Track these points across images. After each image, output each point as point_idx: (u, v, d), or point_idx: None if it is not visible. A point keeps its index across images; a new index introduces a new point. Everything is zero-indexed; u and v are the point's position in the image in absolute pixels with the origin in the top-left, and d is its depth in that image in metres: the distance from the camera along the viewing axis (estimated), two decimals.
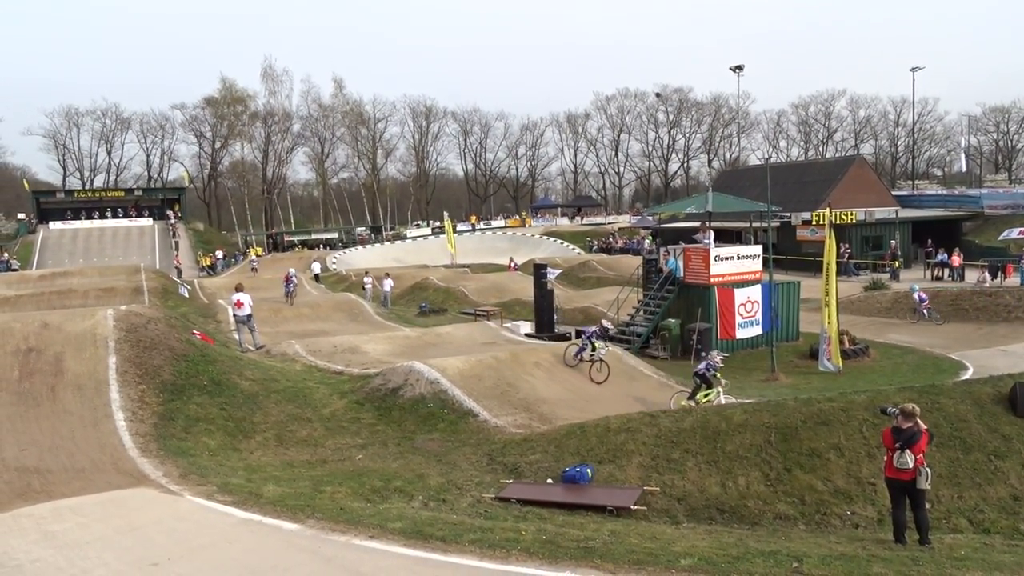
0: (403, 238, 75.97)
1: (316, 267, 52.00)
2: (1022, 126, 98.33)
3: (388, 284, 37.31)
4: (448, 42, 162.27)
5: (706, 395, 15.91)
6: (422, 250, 66.90)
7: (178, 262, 55.96)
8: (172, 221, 71.27)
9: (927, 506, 9.29)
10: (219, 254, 62.03)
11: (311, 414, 15.24)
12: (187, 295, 37.14)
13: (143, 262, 49.83)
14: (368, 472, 12.22)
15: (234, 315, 22.11)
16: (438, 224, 77.69)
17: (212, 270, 58.07)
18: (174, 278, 45.23)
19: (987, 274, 34.65)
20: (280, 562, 8.15)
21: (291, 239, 76.29)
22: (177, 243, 63.43)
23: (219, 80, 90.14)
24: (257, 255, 67.72)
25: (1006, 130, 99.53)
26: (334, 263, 59.56)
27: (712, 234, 26.18)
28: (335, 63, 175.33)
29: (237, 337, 22.12)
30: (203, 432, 13.63)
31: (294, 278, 33.58)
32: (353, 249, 69.69)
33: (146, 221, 71.12)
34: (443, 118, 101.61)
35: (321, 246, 72.83)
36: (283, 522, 9.30)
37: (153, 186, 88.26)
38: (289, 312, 30.37)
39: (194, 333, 18.98)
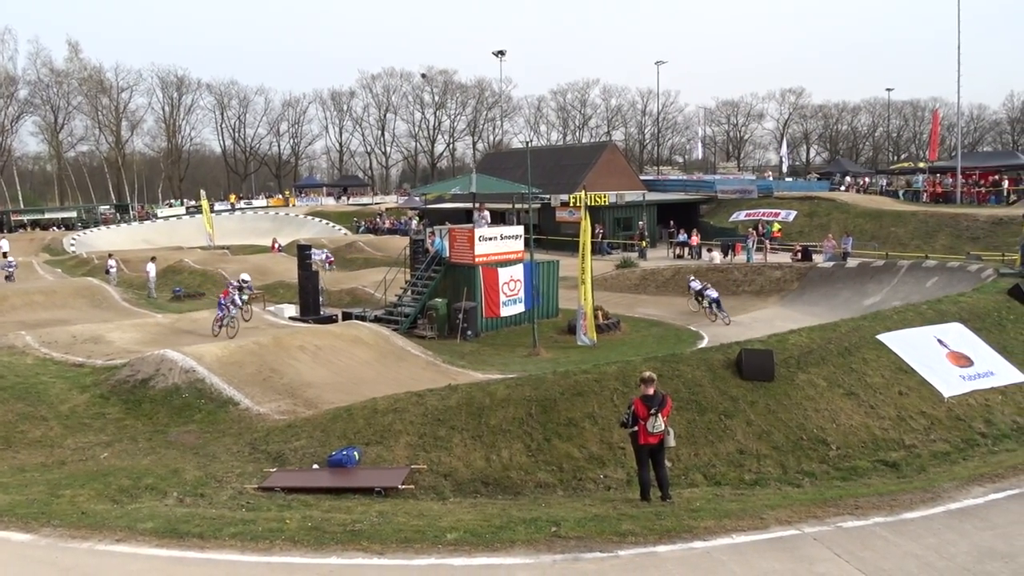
0: (154, 218, 70.54)
1: (4, 244, 47.54)
2: (748, 119, 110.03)
3: (152, 269, 33.62)
4: (200, 7, 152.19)
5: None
6: (175, 231, 62.46)
7: None
8: None
9: (668, 464, 10.17)
10: None
11: (46, 412, 13.83)
12: None
13: None
14: (115, 471, 11.30)
15: None
16: (193, 203, 72.94)
17: None
18: None
19: (715, 254, 38.38)
20: None
21: (20, 219, 68.22)
22: None
23: None
24: None
25: (735, 122, 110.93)
26: (72, 245, 54.14)
27: (488, 214, 26.85)
28: (69, 25, 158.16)
29: None
30: None
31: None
32: (95, 229, 63.63)
33: None
34: (197, 90, 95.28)
35: (56, 227, 65.86)
36: (12, 533, 8.38)
37: None
38: (18, 300, 27.27)
39: None
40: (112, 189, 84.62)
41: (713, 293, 26.05)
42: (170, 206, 77.13)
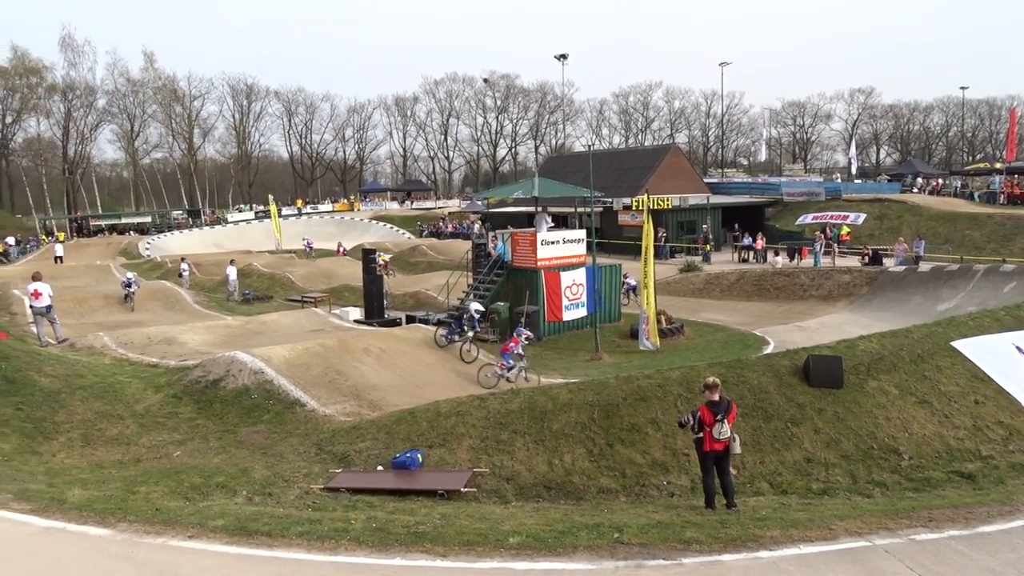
0: (224, 222, 72.53)
1: (59, 249, 49.77)
2: (815, 120, 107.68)
3: (232, 271, 34.35)
4: (269, 18, 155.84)
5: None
6: (244, 235, 64.20)
7: None
8: None
9: (733, 472, 10.01)
10: (11, 240, 56.55)
11: (123, 410, 14.29)
12: None
13: None
14: (187, 469, 11.62)
15: (31, 306, 20.24)
16: (262, 208, 74.79)
17: (4, 257, 52.98)
18: None
19: (779, 257, 37.58)
20: (88, 571, 7.60)
21: (98, 223, 70.92)
22: None
23: (9, 48, 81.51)
24: (59, 240, 62.60)
25: (802, 123, 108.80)
26: (147, 249, 56.00)
27: (549, 219, 26.87)
28: (145, 36, 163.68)
29: (35, 330, 20.29)
30: None
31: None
32: (169, 234, 65.74)
33: None
34: (266, 97, 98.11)
35: (132, 231, 68.20)
36: (90, 528, 8.67)
37: None
38: (96, 302, 28.29)
39: None
40: (185, 194, 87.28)
41: (632, 281, 29.41)
42: (239, 211, 79.15)
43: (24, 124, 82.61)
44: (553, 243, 25.78)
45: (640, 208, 43.53)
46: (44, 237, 63.96)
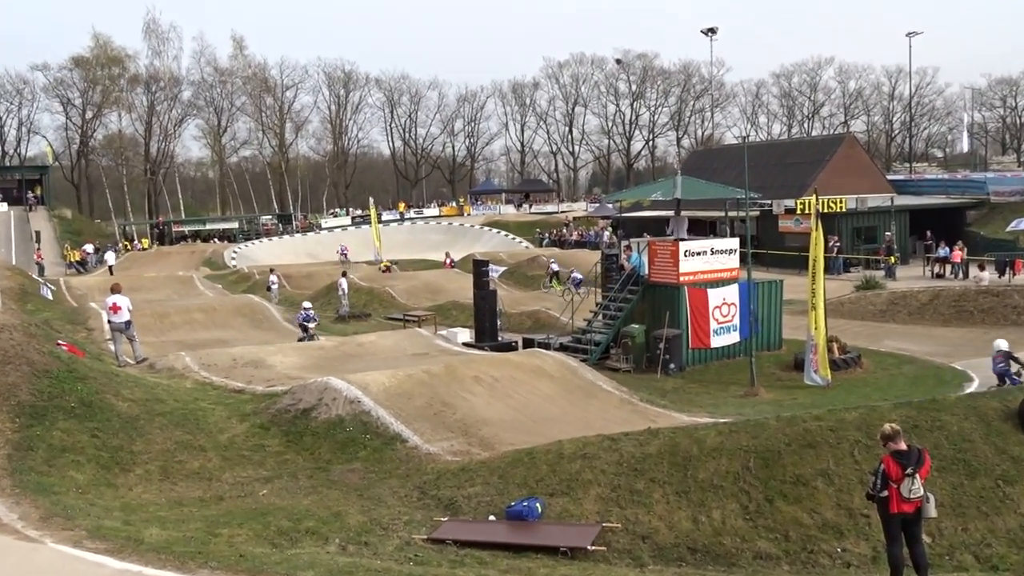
0: (317, 229, 75.21)
1: (110, 258, 53.76)
2: None
3: (344, 283, 35.56)
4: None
5: None
6: (340, 243, 66.34)
7: (39, 257, 54.41)
8: (31, 206, 69.45)
9: (926, 540, 9.51)
10: (89, 248, 60.41)
11: (204, 441, 14.91)
12: (51, 297, 36.22)
13: None
14: (274, 510, 12.02)
15: (109, 322, 21.51)
16: (359, 212, 77.09)
17: (82, 267, 56.65)
18: (35, 276, 44.12)
19: (985, 272, 35.68)
20: None
21: (181, 229, 74.84)
22: (38, 233, 61.65)
23: (91, 36, 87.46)
24: (143, 247, 66.44)
25: (1014, 105, 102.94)
26: (233, 258, 58.67)
27: (686, 223, 26.51)
28: (234, 19, 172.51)
29: (113, 348, 21.54)
30: (70, 464, 13.23)
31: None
32: (257, 242, 68.74)
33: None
34: (365, 86, 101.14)
35: (217, 238, 71.62)
36: (169, 573, 9.06)
37: (8, 164, 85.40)
38: (178, 318, 29.82)
39: (59, 344, 18.45)
40: (275, 197, 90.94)
41: (577, 275, 34.17)
42: (334, 215, 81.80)
43: (105, 119, 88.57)
44: (699, 254, 25.38)
45: (806, 211, 42.40)
46: (126, 244, 67.91)
